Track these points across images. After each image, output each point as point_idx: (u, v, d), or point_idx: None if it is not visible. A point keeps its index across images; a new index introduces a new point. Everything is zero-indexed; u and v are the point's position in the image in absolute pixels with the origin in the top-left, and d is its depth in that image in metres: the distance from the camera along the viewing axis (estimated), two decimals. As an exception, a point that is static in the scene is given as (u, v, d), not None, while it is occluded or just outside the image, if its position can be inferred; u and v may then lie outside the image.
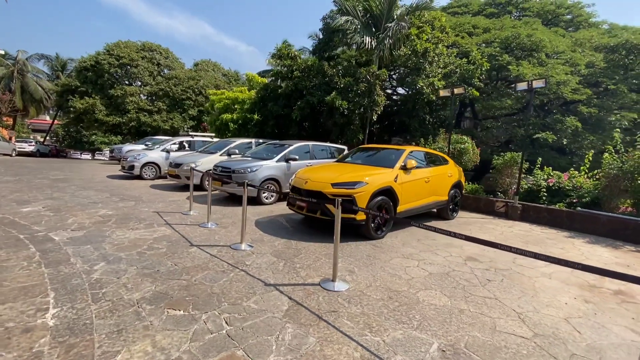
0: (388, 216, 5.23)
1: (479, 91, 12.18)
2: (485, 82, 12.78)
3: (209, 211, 5.65)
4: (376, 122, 12.01)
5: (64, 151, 32.81)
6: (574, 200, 7.82)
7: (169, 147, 11.38)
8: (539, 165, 8.95)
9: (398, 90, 16.40)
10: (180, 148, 11.95)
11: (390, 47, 10.97)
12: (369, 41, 10.85)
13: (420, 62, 11.25)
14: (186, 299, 2.94)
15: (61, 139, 38.55)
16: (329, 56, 13.30)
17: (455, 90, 8.89)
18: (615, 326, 2.96)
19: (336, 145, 9.93)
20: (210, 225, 5.49)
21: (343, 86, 10.63)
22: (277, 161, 7.93)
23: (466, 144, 10.01)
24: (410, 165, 5.83)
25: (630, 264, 4.91)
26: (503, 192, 9.41)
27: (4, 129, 29.97)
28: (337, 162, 6.70)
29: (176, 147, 11.72)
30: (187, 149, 12.09)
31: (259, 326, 2.58)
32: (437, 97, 11.55)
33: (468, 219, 7.69)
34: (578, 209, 7.30)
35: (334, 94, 10.26)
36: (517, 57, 12.80)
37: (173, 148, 11.45)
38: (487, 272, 4.12)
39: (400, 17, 10.74)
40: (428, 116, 13.00)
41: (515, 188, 8.88)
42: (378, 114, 10.82)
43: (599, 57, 13.01)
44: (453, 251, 4.93)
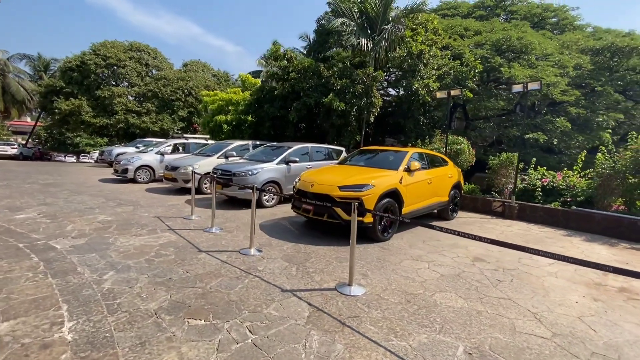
0: (399, 218, 5.26)
1: (471, 92, 12.39)
2: (477, 84, 13.00)
3: (213, 215, 5.57)
4: (371, 123, 12.06)
5: (47, 154, 31.81)
6: (568, 199, 8.03)
7: (163, 150, 11.17)
8: (533, 165, 9.16)
9: (388, 90, 16.55)
10: (174, 150, 11.76)
11: (385, 49, 11.04)
12: (365, 43, 10.91)
13: (416, 64, 11.37)
14: (205, 308, 2.88)
15: (43, 141, 37.39)
16: (323, 57, 13.30)
17: (452, 92, 9.02)
18: (627, 323, 3.04)
19: (334, 147, 9.94)
20: (215, 230, 5.41)
21: (340, 88, 10.65)
22: (278, 163, 7.88)
23: (462, 144, 10.15)
24: (413, 167, 5.88)
25: (629, 261, 5.07)
26: (498, 192, 9.59)
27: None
28: (340, 165, 6.70)
29: (170, 150, 11.53)
30: (181, 151, 11.91)
31: (283, 334, 2.55)
32: (432, 99, 11.70)
33: (467, 219, 7.81)
34: (573, 207, 7.51)
35: (332, 95, 10.26)
36: (508, 59, 13.09)
37: (167, 151, 11.24)
38: (496, 273, 4.19)
39: (397, 20, 10.83)
40: (422, 117, 13.16)
41: (510, 188, 9.06)
42: (375, 115, 10.88)
43: (586, 60, 13.43)
44: (459, 252, 4.99)
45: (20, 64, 34.53)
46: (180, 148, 12.11)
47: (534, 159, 9.33)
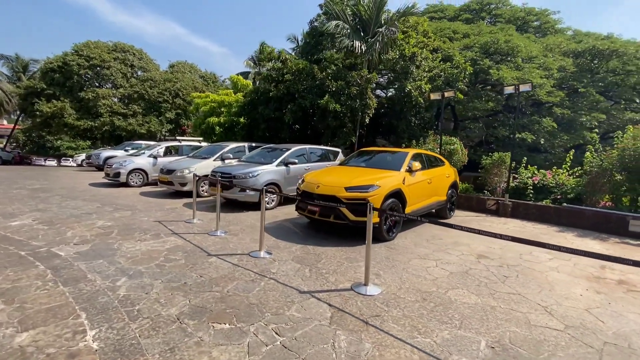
0: (405, 216, 5.35)
1: (461, 93, 12.69)
2: (466, 85, 13.32)
3: (218, 219, 5.52)
4: (365, 125, 12.18)
5: (27, 158, 30.62)
6: (558, 197, 8.34)
7: (155, 153, 10.97)
8: (524, 164, 9.46)
9: (377, 92, 16.75)
10: (166, 153, 11.55)
11: (379, 51, 11.19)
12: (358, 45, 11.02)
13: (408, 66, 11.56)
14: (227, 312, 2.87)
15: (22, 144, 35.98)
16: (316, 59, 13.34)
17: (446, 94, 9.23)
18: (631, 314, 3.21)
19: (331, 148, 10.00)
20: (220, 233, 5.37)
21: (335, 89, 10.72)
22: (277, 165, 7.88)
23: (455, 144, 10.40)
24: (415, 167, 5.99)
25: (621, 255, 5.30)
26: (490, 191, 9.85)
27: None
28: (342, 166, 6.74)
29: (162, 153, 11.32)
30: (174, 154, 11.71)
31: (310, 335, 2.58)
32: (425, 100, 11.92)
33: (464, 218, 7.99)
34: (564, 204, 7.80)
35: (327, 97, 10.33)
36: (496, 62, 13.48)
37: (160, 153, 11.04)
38: (502, 269, 4.33)
39: (391, 23, 10.99)
40: (414, 118, 13.37)
41: (503, 186, 9.33)
42: (370, 116, 11.01)
43: (569, 62, 13.97)
44: (463, 250, 5.12)
45: (-3, 64, 33.22)
46: (173, 151, 11.92)
47: (524, 158, 9.65)
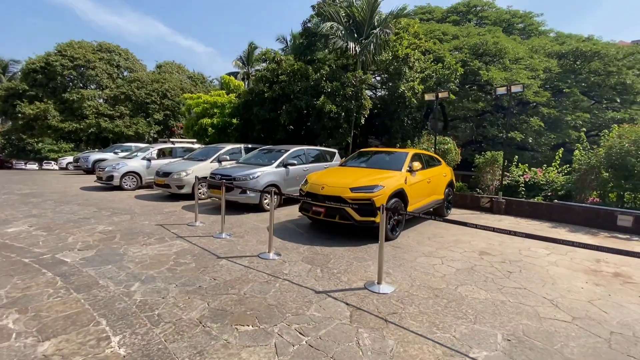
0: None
1: (452, 94, 12.96)
2: (457, 86, 13.60)
3: (223, 221, 5.50)
4: (360, 125, 12.30)
5: (8, 161, 29.52)
6: (549, 194, 8.64)
7: (149, 155, 10.79)
8: (515, 162, 9.75)
9: (367, 93, 16.92)
10: (159, 155, 11.38)
11: (373, 53, 11.32)
12: (353, 46, 11.12)
13: (401, 67, 11.74)
14: (248, 314, 2.90)
15: (0, 148, 34.64)
16: (309, 59, 13.39)
17: (440, 94, 9.42)
18: (631, 305, 3.38)
19: (327, 149, 10.07)
20: (225, 236, 5.36)
21: (330, 90, 10.79)
22: (277, 167, 7.89)
23: (449, 144, 10.63)
24: (415, 167, 6.12)
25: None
26: (482, 189, 10.11)
27: None
28: (343, 167, 6.81)
29: (156, 155, 11.14)
30: (167, 156, 11.55)
31: (334, 334, 2.63)
32: (418, 101, 12.12)
33: (460, 216, 8.19)
34: (555, 201, 8.09)
35: (323, 98, 10.39)
36: (485, 63, 13.83)
37: (154, 156, 10.88)
38: (505, 265, 4.48)
39: (385, 24, 11.14)
40: (406, 118, 13.57)
41: (495, 184, 9.60)
42: (365, 117, 11.13)
43: (554, 63, 14.45)
44: (465, 247, 5.26)
45: (-26, 65, 31.95)
46: (166, 153, 11.75)
47: (516, 156, 9.94)
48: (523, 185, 9.09)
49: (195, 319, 2.78)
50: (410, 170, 6.08)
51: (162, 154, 11.55)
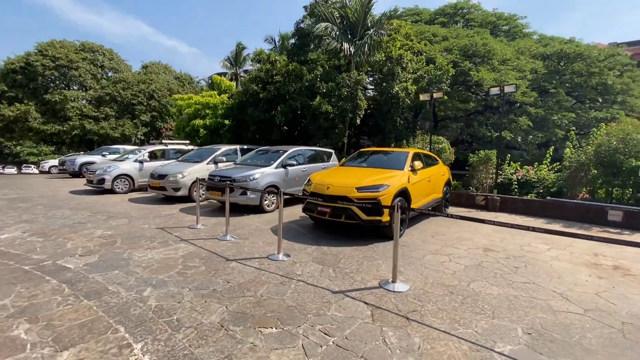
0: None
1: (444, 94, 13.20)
2: (448, 86, 13.85)
3: (227, 223, 5.43)
4: (356, 125, 12.37)
5: (-15, 166, 28.30)
6: (541, 191, 8.90)
7: (141, 157, 10.54)
8: (508, 161, 10.00)
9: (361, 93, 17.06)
10: (151, 157, 11.13)
11: (367, 54, 11.40)
12: (347, 47, 11.18)
13: (395, 68, 11.86)
14: (269, 316, 2.86)
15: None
16: (302, 60, 13.38)
17: (435, 95, 9.57)
18: (635, 296, 3.52)
19: (324, 149, 10.07)
20: (230, 238, 5.28)
21: (325, 91, 10.81)
22: (276, 167, 7.84)
23: (443, 143, 10.81)
24: (417, 166, 6.19)
25: (604, 243, 5.76)
26: (475, 187, 10.32)
27: None
28: (345, 167, 6.82)
29: (148, 157, 10.89)
30: (161, 158, 11.32)
31: (359, 333, 2.63)
32: (411, 101, 12.28)
33: (457, 213, 8.31)
34: (548, 198, 8.33)
35: (319, 98, 10.39)
36: (475, 64, 14.13)
37: (147, 158, 10.63)
38: (509, 260, 4.58)
39: (380, 25, 11.24)
40: (399, 118, 13.73)
41: (489, 182, 9.82)
42: (361, 117, 11.19)
43: (540, 64, 14.90)
44: (469, 244, 5.36)
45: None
46: (158, 155, 11.51)
47: (508, 155, 10.19)
48: (516, 182, 9.34)
49: (216, 323, 2.73)
50: (413, 170, 6.14)
51: (154, 155, 11.31)
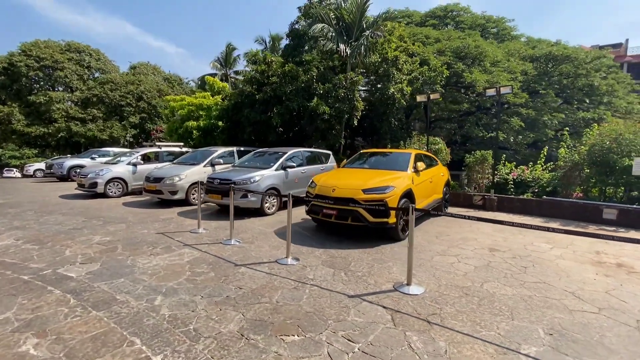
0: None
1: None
2: (442, 87, 14.01)
3: (232, 227, 5.32)
4: (352, 127, 12.37)
5: (-36, 170, 27.16)
6: (536, 190, 9.06)
7: (135, 160, 10.29)
8: (503, 161, 10.15)
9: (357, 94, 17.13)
10: (144, 160, 10.88)
11: (363, 55, 11.42)
12: (343, 48, 11.17)
13: (390, 69, 11.92)
14: (288, 323, 2.79)
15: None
16: (298, 61, 13.32)
17: (432, 96, 9.65)
18: (644, 293, 3.58)
19: (322, 151, 10.02)
20: (234, 242, 5.18)
21: (322, 92, 10.77)
22: (276, 169, 7.75)
23: (439, 144, 10.91)
24: (420, 167, 6.20)
25: (600, 240, 5.89)
26: (472, 187, 10.45)
27: None
28: (348, 168, 6.78)
29: (141, 160, 10.64)
30: (155, 160, 11.07)
31: (383, 339, 2.58)
32: (407, 102, 12.36)
33: (458, 213, 8.38)
34: (544, 197, 8.48)
35: (317, 99, 10.35)
36: (467, 65, 14.34)
37: (140, 160, 10.38)
38: (517, 260, 4.62)
39: (376, 27, 11.27)
40: (394, 119, 13.81)
41: (486, 182, 9.95)
42: (358, 118, 11.20)
43: (530, 66, 15.23)
44: (474, 244, 5.39)
45: None
46: (152, 157, 11.27)
47: (503, 155, 10.34)
48: (512, 182, 9.48)
49: (235, 332, 2.64)
50: (416, 171, 6.16)
51: (148, 158, 11.07)
